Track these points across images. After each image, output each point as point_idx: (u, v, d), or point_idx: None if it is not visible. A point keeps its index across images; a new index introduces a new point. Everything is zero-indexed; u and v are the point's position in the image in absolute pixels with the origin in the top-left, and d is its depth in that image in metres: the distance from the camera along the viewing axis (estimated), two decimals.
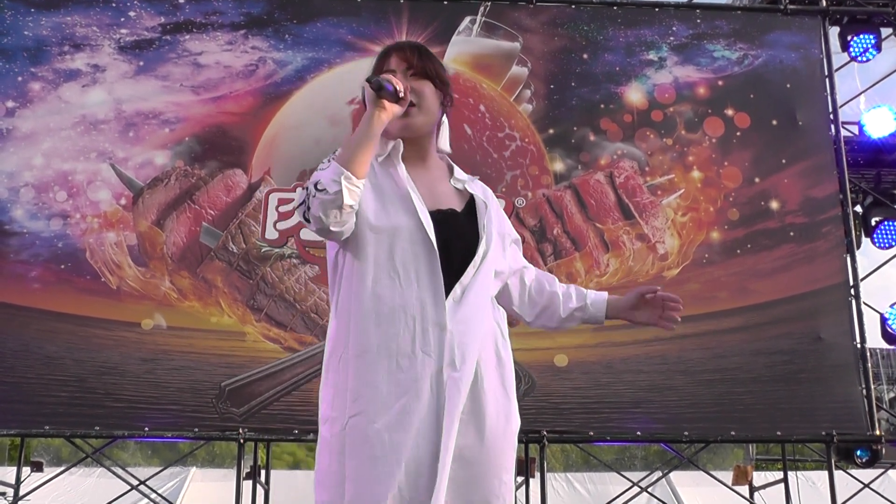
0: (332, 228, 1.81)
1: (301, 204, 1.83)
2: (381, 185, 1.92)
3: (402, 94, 1.86)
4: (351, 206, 1.81)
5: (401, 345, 1.82)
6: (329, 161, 1.86)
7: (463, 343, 1.83)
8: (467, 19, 5.23)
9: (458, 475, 1.79)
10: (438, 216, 1.92)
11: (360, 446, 1.78)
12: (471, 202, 2.00)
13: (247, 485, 4.87)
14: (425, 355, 1.81)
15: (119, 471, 5.08)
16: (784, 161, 5.14)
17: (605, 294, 2.09)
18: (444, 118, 2.05)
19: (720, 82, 5.26)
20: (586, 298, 2.07)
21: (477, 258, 1.90)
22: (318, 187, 1.79)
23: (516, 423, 1.92)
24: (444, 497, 1.75)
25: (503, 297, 2.08)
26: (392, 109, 1.86)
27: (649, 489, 5.44)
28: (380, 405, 1.79)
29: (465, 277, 1.88)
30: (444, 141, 2.06)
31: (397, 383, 1.80)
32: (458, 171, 2.05)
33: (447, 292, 1.85)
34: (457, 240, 1.91)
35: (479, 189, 2.05)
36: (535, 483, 4.73)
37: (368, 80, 1.82)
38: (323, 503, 1.82)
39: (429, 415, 1.78)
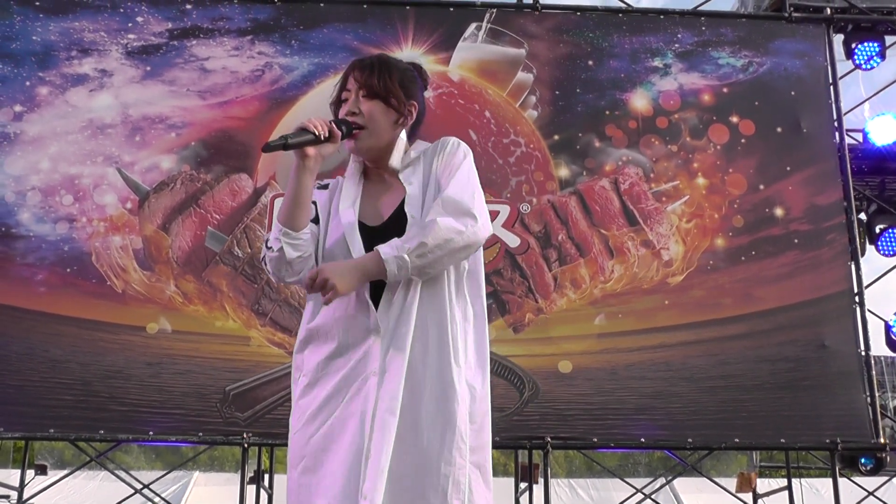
0: (287, 280, 1.92)
1: (262, 258, 1.93)
2: (329, 211, 1.99)
3: (322, 135, 1.85)
4: (299, 257, 1.88)
5: (334, 361, 1.86)
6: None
7: (391, 348, 1.83)
8: (473, 25, 5.24)
9: (397, 497, 1.75)
10: (370, 230, 1.93)
11: (297, 462, 1.85)
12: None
13: (250, 489, 4.87)
14: (357, 365, 1.84)
15: (122, 474, 5.09)
16: (788, 168, 5.14)
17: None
18: (403, 135, 2.01)
19: (725, 89, 5.26)
20: None
21: None
22: (268, 245, 1.88)
23: (461, 434, 1.81)
24: (374, 494, 1.71)
25: None
26: (322, 150, 1.88)
27: (653, 496, 5.43)
28: (312, 419, 1.84)
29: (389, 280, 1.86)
30: (395, 158, 2.00)
31: (328, 397, 1.84)
32: (407, 158, 2.00)
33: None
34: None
35: (423, 164, 1.99)
36: (538, 489, 4.73)
37: (263, 150, 1.82)
38: None
39: (355, 423, 1.80)
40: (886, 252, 5.70)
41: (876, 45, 5.64)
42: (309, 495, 1.80)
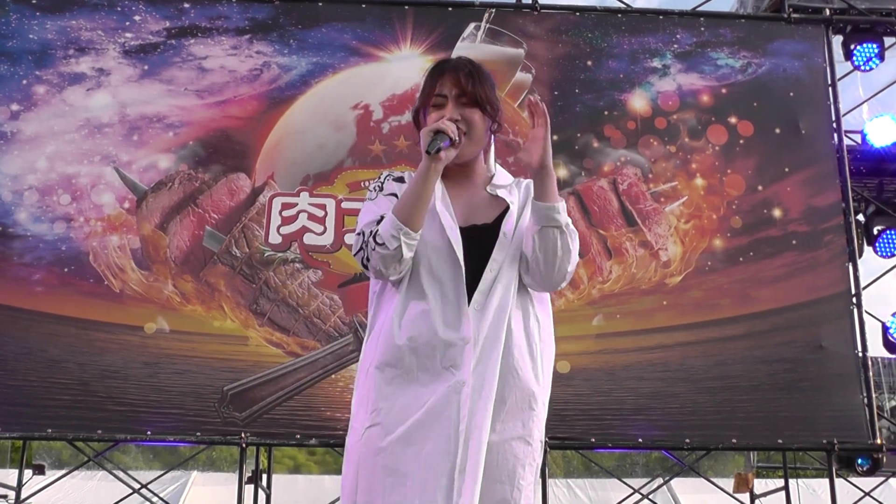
0: (391, 278, 1.89)
1: (359, 251, 1.89)
2: None
3: (457, 140, 1.89)
4: (411, 258, 1.87)
5: (422, 360, 1.84)
6: (376, 193, 1.94)
7: (483, 356, 1.84)
8: (472, 25, 5.24)
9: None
10: (471, 232, 1.94)
11: (373, 457, 1.81)
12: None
13: (248, 489, 4.87)
14: (445, 370, 1.82)
15: (120, 474, 5.09)
16: (787, 169, 5.15)
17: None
18: (492, 140, 2.07)
19: (724, 90, 5.26)
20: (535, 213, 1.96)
21: (494, 264, 1.91)
22: (378, 240, 1.84)
23: (534, 453, 1.90)
24: None
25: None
26: (448, 155, 1.89)
27: (650, 496, 5.44)
28: (396, 417, 1.81)
29: (483, 284, 1.88)
30: (491, 163, 2.08)
31: (416, 397, 1.82)
32: (498, 178, 2.06)
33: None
34: (487, 254, 1.92)
35: (519, 193, 2.06)
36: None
37: (428, 152, 1.84)
38: None
39: (445, 428, 1.78)
40: (884, 253, 5.71)
41: (875, 46, 5.63)
42: (391, 494, 1.78)
